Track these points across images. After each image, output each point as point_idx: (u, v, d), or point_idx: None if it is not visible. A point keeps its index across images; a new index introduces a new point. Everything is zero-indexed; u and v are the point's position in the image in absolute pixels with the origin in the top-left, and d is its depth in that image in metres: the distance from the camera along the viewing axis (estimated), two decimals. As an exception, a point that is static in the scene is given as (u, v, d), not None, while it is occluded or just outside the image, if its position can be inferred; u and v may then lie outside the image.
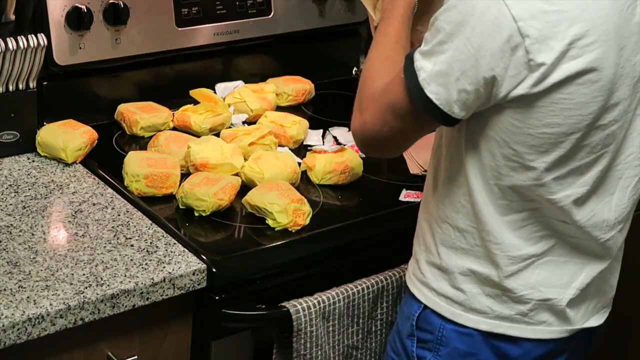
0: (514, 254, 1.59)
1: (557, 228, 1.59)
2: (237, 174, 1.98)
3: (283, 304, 1.76)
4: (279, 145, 2.14)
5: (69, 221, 1.81)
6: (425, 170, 2.10)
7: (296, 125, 2.18)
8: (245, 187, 1.94)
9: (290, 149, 2.15)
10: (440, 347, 1.67)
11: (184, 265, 1.71)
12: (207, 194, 1.83)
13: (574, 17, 1.43)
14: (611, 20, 1.46)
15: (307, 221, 1.87)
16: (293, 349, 1.77)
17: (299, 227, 1.85)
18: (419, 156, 2.15)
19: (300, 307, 1.75)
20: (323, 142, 2.20)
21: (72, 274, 1.65)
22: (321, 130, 2.24)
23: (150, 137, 2.11)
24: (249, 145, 2.05)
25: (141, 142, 2.12)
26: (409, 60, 1.52)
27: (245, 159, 2.01)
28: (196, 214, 1.85)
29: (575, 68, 1.44)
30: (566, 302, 1.63)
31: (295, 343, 1.76)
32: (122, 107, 2.15)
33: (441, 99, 1.49)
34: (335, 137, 2.23)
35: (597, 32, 1.44)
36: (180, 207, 1.87)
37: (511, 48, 1.42)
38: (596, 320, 1.71)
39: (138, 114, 2.12)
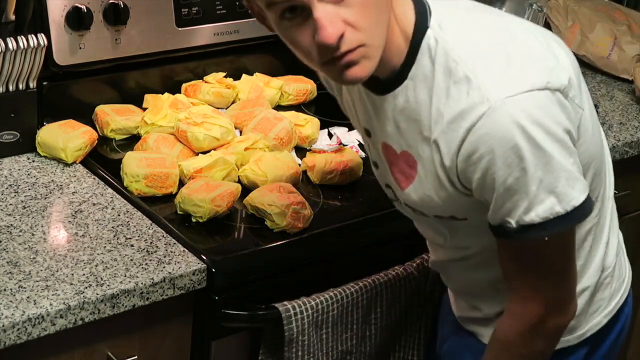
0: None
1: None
2: (239, 181, 1.97)
3: (275, 304, 1.76)
4: (295, 147, 2.13)
5: (69, 221, 1.81)
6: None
7: (309, 124, 2.17)
8: (247, 190, 1.93)
9: (303, 149, 2.14)
10: None
11: (184, 265, 1.71)
12: (204, 200, 1.82)
13: (563, 67, 1.47)
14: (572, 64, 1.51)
15: (307, 224, 1.86)
16: (285, 358, 1.77)
17: (297, 230, 1.84)
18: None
19: (292, 311, 1.75)
20: (330, 140, 2.19)
21: (72, 274, 1.65)
22: (326, 130, 2.24)
23: (122, 139, 2.10)
24: (244, 150, 2.02)
25: (111, 145, 2.09)
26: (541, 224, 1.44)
27: (243, 164, 2.00)
28: (193, 220, 1.84)
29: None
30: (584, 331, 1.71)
31: (286, 352, 1.76)
32: (99, 108, 2.12)
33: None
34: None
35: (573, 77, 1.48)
36: (179, 212, 1.86)
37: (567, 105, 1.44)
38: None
39: (110, 116, 2.10)
